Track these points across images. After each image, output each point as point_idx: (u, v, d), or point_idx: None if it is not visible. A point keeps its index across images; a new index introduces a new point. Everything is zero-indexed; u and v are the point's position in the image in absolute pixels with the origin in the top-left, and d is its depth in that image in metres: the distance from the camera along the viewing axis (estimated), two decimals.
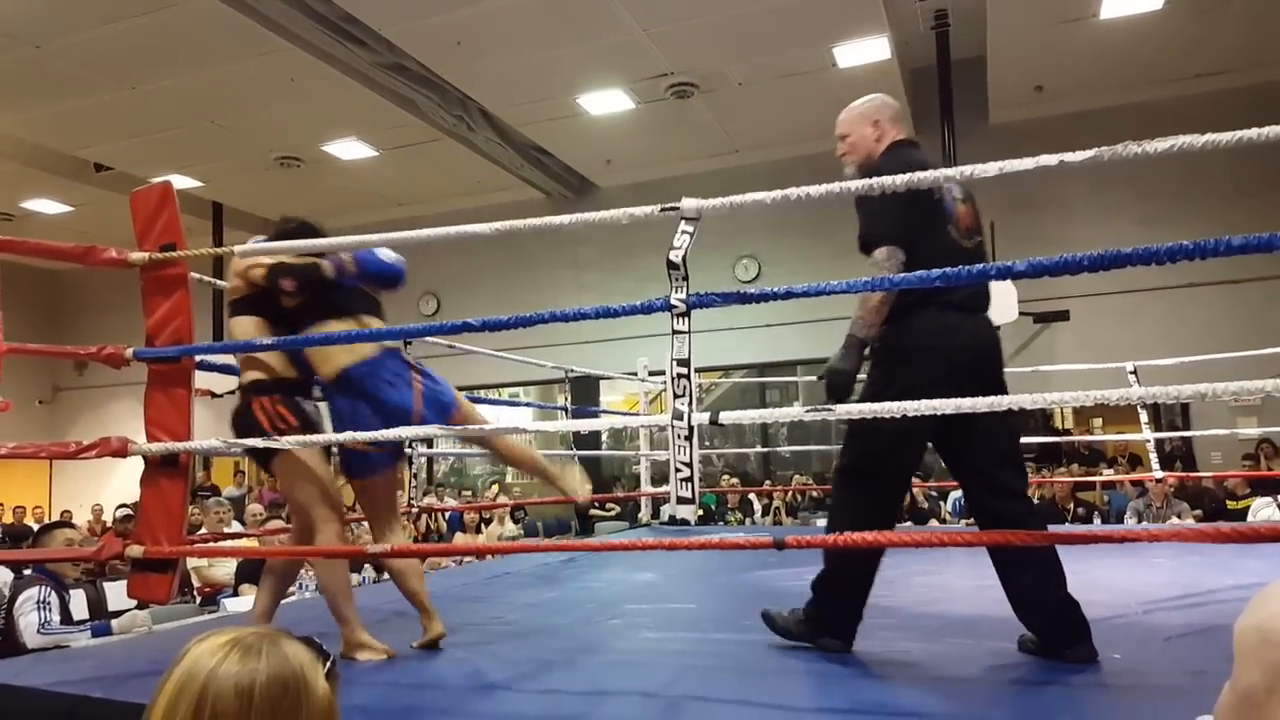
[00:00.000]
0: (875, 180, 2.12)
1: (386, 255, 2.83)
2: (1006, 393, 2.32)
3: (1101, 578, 3.81)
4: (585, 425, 7.19)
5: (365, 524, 3.14)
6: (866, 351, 2.36)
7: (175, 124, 10.08)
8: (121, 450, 2.62)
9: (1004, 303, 8.37)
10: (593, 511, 11.22)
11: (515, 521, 9.78)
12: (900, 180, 2.08)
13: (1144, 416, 5.85)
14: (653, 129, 10.66)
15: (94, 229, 12.81)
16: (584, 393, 10.13)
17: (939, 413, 1.86)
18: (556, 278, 12.60)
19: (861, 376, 2.38)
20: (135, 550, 2.56)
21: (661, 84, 9.48)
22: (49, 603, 3.43)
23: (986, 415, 2.09)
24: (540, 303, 12.10)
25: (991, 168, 2.12)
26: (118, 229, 9.20)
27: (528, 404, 8.36)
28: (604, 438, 8.64)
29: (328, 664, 0.97)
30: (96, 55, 8.46)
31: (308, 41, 8.25)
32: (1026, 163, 2.11)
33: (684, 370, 2.16)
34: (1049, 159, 2.08)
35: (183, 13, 7.70)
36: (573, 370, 7.13)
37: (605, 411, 11.24)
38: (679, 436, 2.09)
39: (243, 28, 7.89)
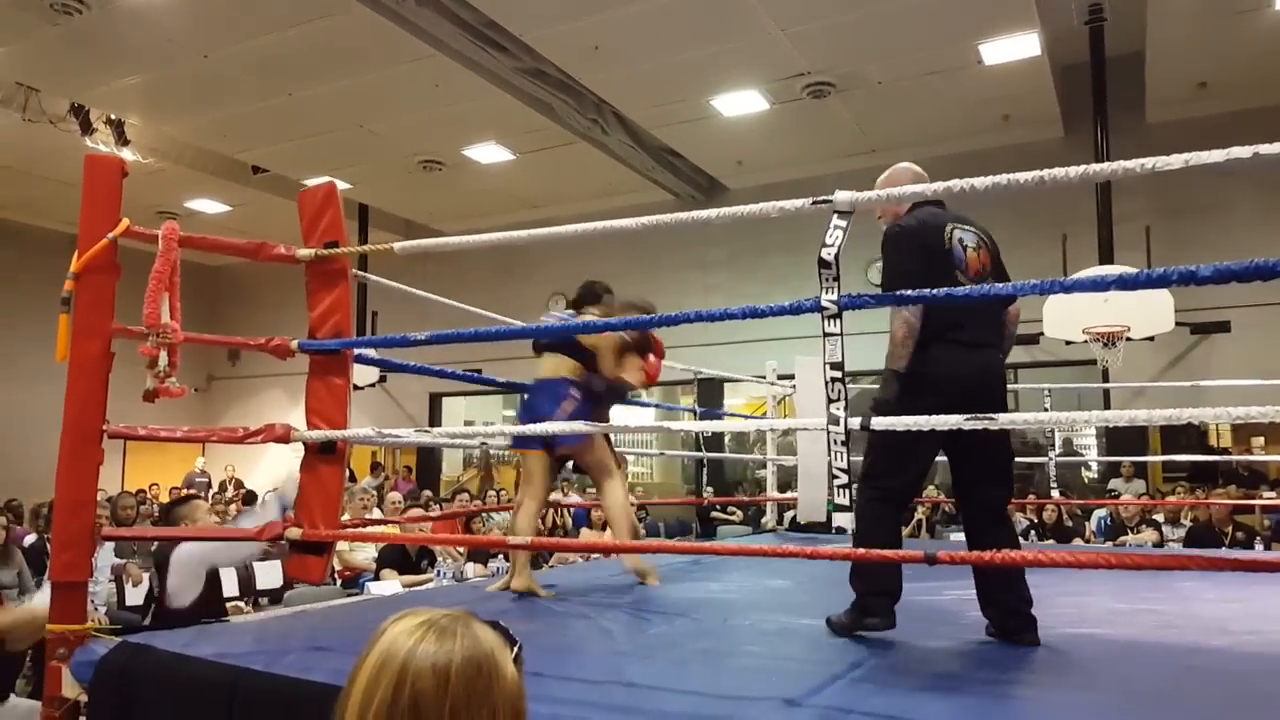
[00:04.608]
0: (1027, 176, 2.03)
1: None
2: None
3: (1273, 607, 3.53)
4: (736, 427, 7.20)
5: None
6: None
7: (327, 128, 10.59)
8: (284, 437, 2.75)
9: (1159, 313, 7.88)
10: (714, 514, 11.18)
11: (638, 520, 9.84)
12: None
13: None
14: (786, 130, 10.53)
15: (251, 227, 13.63)
16: (708, 395, 10.11)
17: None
18: (683, 279, 12.61)
19: None
20: (294, 532, 2.68)
21: (797, 84, 9.36)
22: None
23: (978, 436, 2.54)
24: (666, 303, 11.94)
25: (1176, 160, 1.97)
26: (273, 227, 9.76)
27: (655, 404, 8.37)
28: (726, 440, 8.59)
29: (515, 649, 1.00)
30: (257, 63, 8.97)
31: (452, 48, 8.53)
32: (1215, 154, 1.94)
33: (837, 374, 2.10)
34: (1241, 151, 1.90)
35: (338, 21, 8.08)
36: (701, 372, 7.09)
37: (734, 414, 11.17)
38: (836, 442, 2.03)
39: (393, 35, 8.22)
